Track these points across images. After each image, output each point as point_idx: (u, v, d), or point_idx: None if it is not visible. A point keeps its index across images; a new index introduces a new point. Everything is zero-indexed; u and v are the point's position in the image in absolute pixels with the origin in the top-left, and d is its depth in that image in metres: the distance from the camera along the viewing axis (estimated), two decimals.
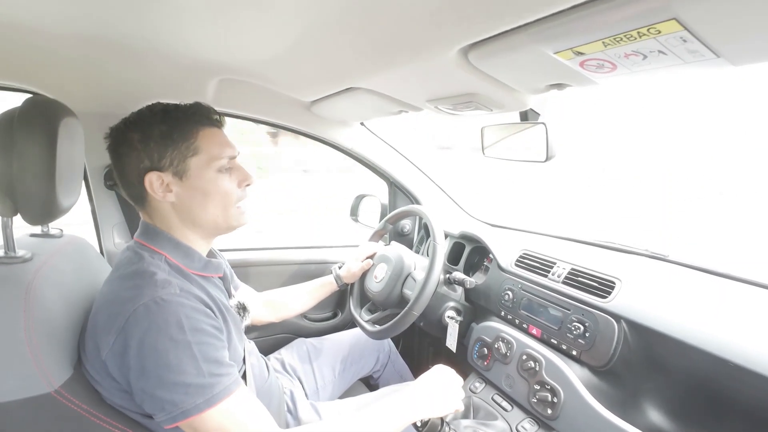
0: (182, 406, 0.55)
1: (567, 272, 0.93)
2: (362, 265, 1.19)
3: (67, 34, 0.70)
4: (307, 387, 1.05)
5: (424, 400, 0.72)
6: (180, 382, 0.55)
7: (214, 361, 0.59)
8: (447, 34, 0.55)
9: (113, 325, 0.57)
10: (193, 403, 0.56)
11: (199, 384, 0.56)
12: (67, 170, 0.66)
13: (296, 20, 0.60)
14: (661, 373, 0.75)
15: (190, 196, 0.67)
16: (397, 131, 1.43)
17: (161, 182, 0.65)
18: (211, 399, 0.57)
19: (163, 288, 0.59)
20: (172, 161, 0.65)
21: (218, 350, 0.61)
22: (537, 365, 0.86)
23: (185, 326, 0.57)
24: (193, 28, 0.68)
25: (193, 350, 0.57)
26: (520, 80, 0.68)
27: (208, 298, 0.66)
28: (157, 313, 0.57)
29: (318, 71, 0.85)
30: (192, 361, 0.56)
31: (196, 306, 0.60)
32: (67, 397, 0.58)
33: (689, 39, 0.42)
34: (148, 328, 0.56)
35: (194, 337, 0.57)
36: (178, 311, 0.58)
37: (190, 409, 0.56)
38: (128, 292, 0.59)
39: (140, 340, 0.56)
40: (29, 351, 0.56)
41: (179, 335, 0.56)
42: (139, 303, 0.57)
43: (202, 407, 0.56)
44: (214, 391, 0.57)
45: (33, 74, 0.90)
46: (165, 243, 0.68)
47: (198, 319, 0.59)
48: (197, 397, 0.56)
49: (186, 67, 0.88)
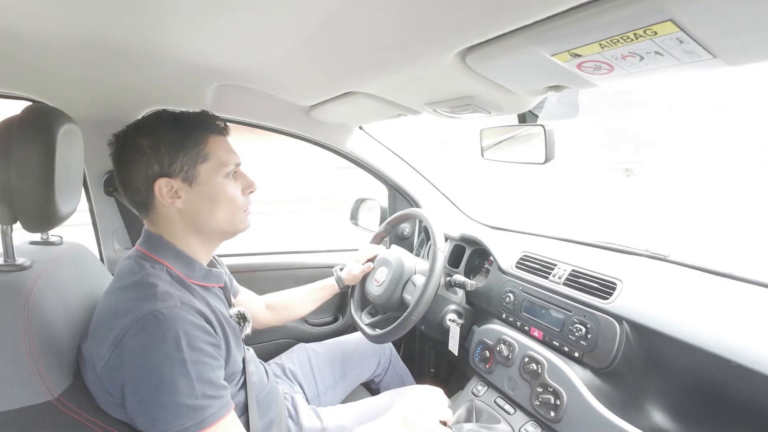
0: (171, 427, 0.55)
1: (568, 274, 0.93)
2: (363, 267, 1.19)
3: (66, 41, 0.70)
4: (308, 392, 1.05)
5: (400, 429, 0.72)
6: (172, 402, 0.55)
7: (208, 382, 0.58)
8: (444, 37, 0.55)
9: (109, 337, 0.57)
10: (182, 426, 0.55)
11: (190, 405, 0.55)
12: (66, 177, 0.66)
13: (294, 26, 0.61)
14: (664, 373, 0.74)
15: (198, 202, 0.67)
16: (399, 129, 1.42)
17: (170, 188, 0.65)
18: (200, 423, 0.56)
19: (163, 300, 0.59)
20: (183, 167, 0.66)
21: (213, 370, 0.60)
22: (539, 367, 0.86)
23: (182, 343, 0.56)
24: (191, 35, 0.69)
25: (189, 369, 0.56)
26: (517, 82, 0.68)
27: (208, 309, 0.65)
28: (155, 327, 0.56)
29: (316, 76, 0.86)
30: (186, 381, 0.56)
31: (195, 321, 0.60)
32: (68, 405, 0.57)
33: (685, 40, 0.42)
34: (144, 344, 0.55)
35: (191, 356, 0.57)
36: (177, 327, 0.57)
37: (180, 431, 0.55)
38: (127, 304, 0.59)
39: (136, 354, 0.55)
40: (29, 359, 0.56)
41: (176, 352, 0.56)
42: (138, 316, 0.56)
43: (191, 430, 0.55)
44: (204, 414, 0.56)
45: (32, 82, 0.90)
46: (167, 252, 0.68)
47: (196, 336, 0.59)
48: (187, 420, 0.55)
49: (185, 73, 0.88)
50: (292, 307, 1.12)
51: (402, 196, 1.48)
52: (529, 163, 0.91)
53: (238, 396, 0.73)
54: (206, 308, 0.65)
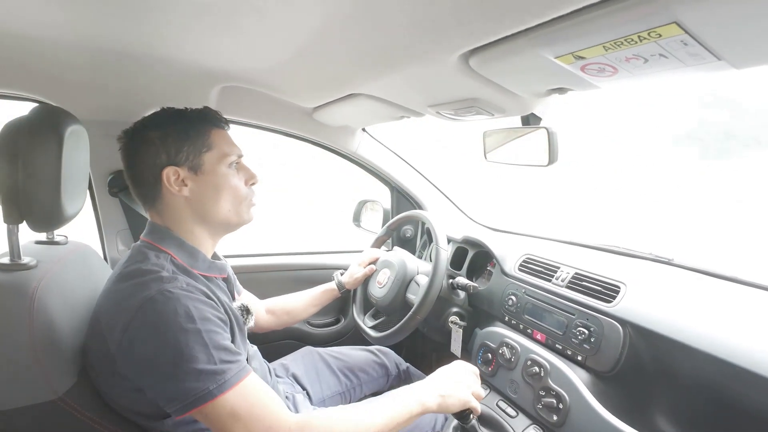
0: (195, 393, 0.56)
1: (571, 276, 0.93)
2: (365, 270, 1.19)
3: (73, 44, 0.71)
4: (313, 396, 1.05)
5: (432, 394, 0.72)
6: (191, 370, 0.56)
7: (223, 348, 0.60)
8: (448, 39, 0.55)
9: (120, 320, 0.58)
10: (206, 389, 0.56)
11: (210, 370, 0.57)
12: (72, 178, 0.66)
13: (298, 28, 0.61)
14: (668, 377, 0.74)
15: (203, 191, 0.70)
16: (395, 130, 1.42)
17: (177, 176, 0.68)
18: (223, 384, 0.57)
19: (169, 282, 0.61)
20: (188, 156, 0.69)
21: (225, 339, 0.62)
22: (542, 371, 0.85)
23: (194, 315, 0.58)
24: (196, 37, 0.69)
25: (203, 338, 0.58)
26: (521, 85, 0.68)
27: (213, 296, 0.67)
28: (164, 304, 0.58)
29: (320, 78, 0.86)
30: (202, 348, 0.57)
31: (202, 299, 0.62)
32: (71, 404, 0.58)
33: (690, 42, 0.42)
34: (156, 320, 0.57)
35: (203, 326, 0.59)
36: (186, 302, 0.59)
37: (203, 396, 0.56)
38: (134, 288, 0.60)
39: (149, 332, 0.57)
40: (33, 358, 0.56)
41: (188, 324, 0.57)
42: (147, 297, 0.58)
43: (215, 393, 0.56)
44: (225, 377, 0.58)
45: (39, 83, 0.91)
46: (171, 242, 0.69)
47: (205, 309, 0.61)
48: (209, 383, 0.56)
49: (189, 74, 0.89)
50: (293, 311, 1.12)
51: (405, 198, 1.48)
52: (532, 165, 0.91)
53: None
54: (211, 295, 0.66)
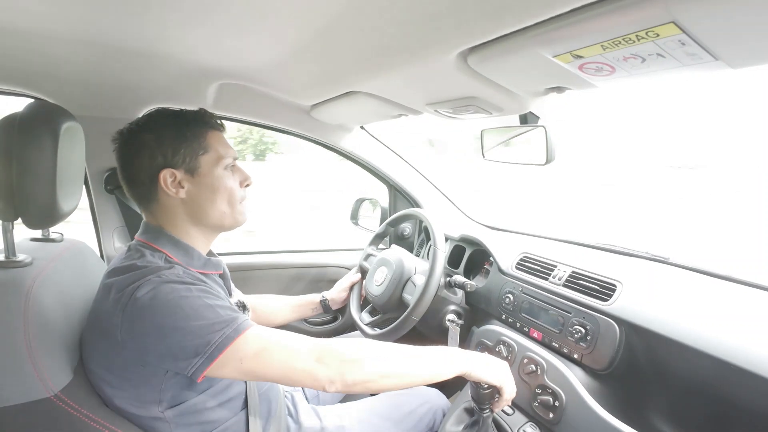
0: (213, 340, 0.57)
1: (568, 275, 0.93)
2: (344, 296, 1.23)
3: (68, 39, 0.71)
4: (307, 391, 1.05)
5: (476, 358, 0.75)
6: (203, 325, 0.58)
7: (227, 306, 0.62)
8: (446, 37, 0.55)
9: (119, 303, 0.59)
10: (224, 334, 0.58)
11: (222, 320, 0.59)
12: (67, 175, 0.66)
13: (295, 25, 0.61)
14: (663, 376, 0.74)
15: (199, 192, 0.71)
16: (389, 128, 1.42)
17: (174, 179, 0.69)
18: (238, 327, 0.59)
19: (165, 270, 0.62)
20: (185, 158, 0.69)
21: (227, 303, 0.64)
22: (538, 369, 0.86)
23: (192, 287, 0.61)
24: (193, 34, 0.69)
25: (206, 301, 0.60)
26: (519, 83, 0.68)
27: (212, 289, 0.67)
28: (162, 283, 0.59)
29: (317, 76, 0.86)
30: (208, 308, 0.59)
31: (199, 285, 0.64)
32: (67, 401, 0.58)
33: (687, 42, 0.42)
34: (156, 292, 0.58)
35: (204, 293, 0.61)
36: (184, 278, 0.62)
37: (223, 340, 0.57)
38: (130, 277, 0.61)
39: (151, 303, 0.58)
40: (28, 355, 0.56)
41: (188, 293, 0.60)
42: (145, 277, 0.60)
43: (233, 335, 0.58)
44: (237, 322, 0.60)
45: (35, 79, 0.90)
46: (166, 241, 0.69)
47: (202, 287, 0.63)
48: (226, 329, 0.58)
49: (187, 71, 0.89)
50: (271, 313, 1.12)
51: (402, 196, 1.48)
52: (530, 164, 0.91)
53: (238, 389, 0.73)
54: (210, 289, 0.67)
